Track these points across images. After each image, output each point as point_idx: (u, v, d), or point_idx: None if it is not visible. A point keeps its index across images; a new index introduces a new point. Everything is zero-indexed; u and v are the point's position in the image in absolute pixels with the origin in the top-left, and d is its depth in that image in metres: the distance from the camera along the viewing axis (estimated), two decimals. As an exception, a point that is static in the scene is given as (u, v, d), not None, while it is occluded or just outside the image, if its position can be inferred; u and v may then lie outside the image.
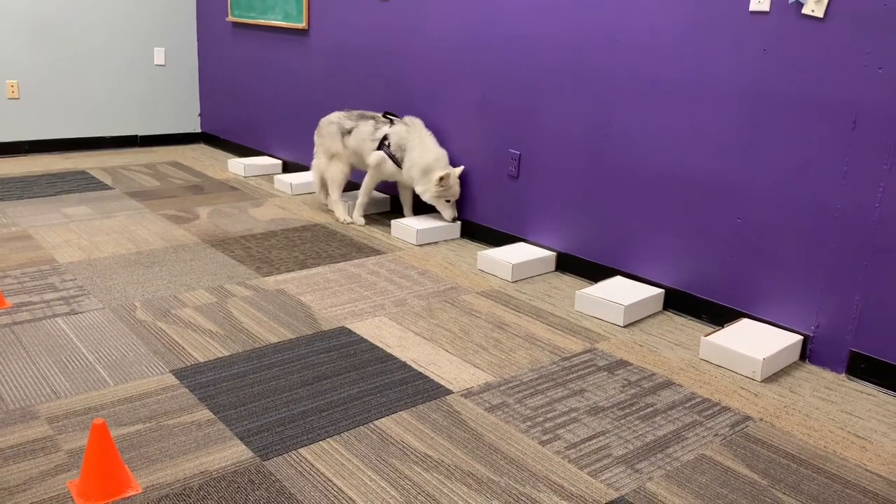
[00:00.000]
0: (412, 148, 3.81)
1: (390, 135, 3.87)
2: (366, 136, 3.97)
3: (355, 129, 4.02)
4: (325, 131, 4.14)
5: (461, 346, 2.66)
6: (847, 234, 2.52)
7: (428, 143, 3.81)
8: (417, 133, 3.83)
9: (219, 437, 2.03)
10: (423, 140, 3.81)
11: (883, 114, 2.39)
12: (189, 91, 6.09)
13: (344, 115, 4.11)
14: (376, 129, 3.94)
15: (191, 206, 4.34)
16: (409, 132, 3.84)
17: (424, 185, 3.77)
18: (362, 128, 4.00)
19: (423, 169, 3.75)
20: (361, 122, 4.02)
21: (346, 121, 4.07)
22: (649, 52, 3.00)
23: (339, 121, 4.09)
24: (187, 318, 2.78)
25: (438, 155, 3.77)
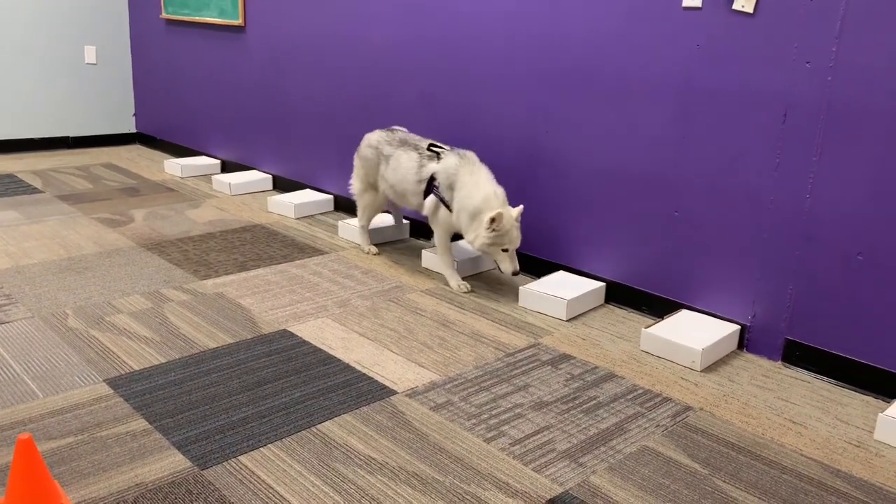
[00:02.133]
0: (461, 186, 3.05)
1: (438, 172, 3.12)
2: (408, 172, 3.23)
3: (393, 159, 3.30)
4: (362, 153, 3.48)
5: (406, 345, 2.64)
6: (780, 225, 2.58)
7: (480, 178, 3.03)
8: (468, 167, 3.07)
9: (155, 447, 1.97)
10: (475, 175, 3.04)
11: (812, 107, 2.45)
12: (122, 90, 5.92)
13: (385, 135, 3.40)
14: (421, 164, 3.19)
15: (125, 208, 4.21)
16: (460, 167, 3.07)
17: (474, 232, 3.01)
18: (403, 160, 3.25)
19: (472, 212, 3.00)
20: (402, 150, 3.28)
21: (385, 145, 3.37)
22: (585, 49, 3.02)
23: (378, 144, 3.40)
24: (122, 324, 2.69)
25: (490, 193, 2.99)
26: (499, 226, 2.92)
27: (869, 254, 2.40)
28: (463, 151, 3.13)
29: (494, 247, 2.98)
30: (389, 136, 3.38)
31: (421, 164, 3.18)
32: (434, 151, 3.17)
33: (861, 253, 2.41)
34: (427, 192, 3.18)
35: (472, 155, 3.11)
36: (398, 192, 3.33)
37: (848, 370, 2.48)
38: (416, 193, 3.22)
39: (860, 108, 2.35)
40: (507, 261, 3.00)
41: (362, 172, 3.50)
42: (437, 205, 3.15)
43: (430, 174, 3.14)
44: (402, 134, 3.38)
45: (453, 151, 3.14)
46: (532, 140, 3.29)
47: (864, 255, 2.40)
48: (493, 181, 3.05)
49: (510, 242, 2.97)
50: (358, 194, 3.57)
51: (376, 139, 3.42)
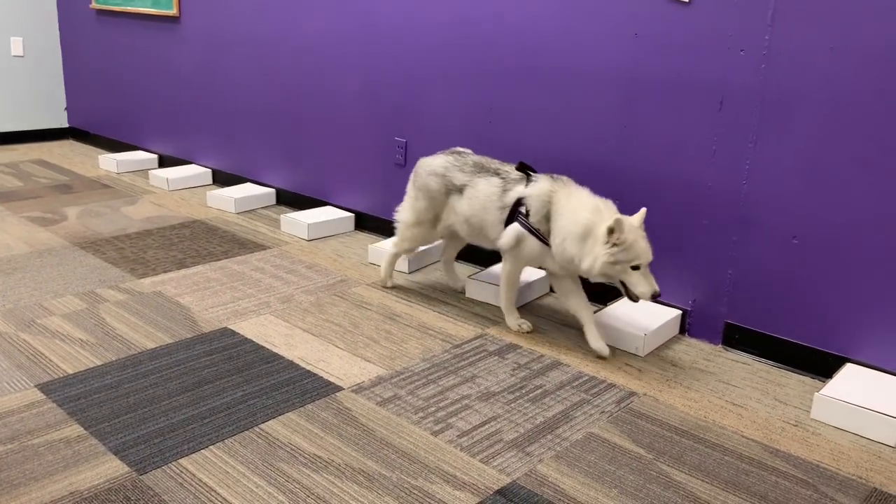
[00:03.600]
0: (561, 213, 2.50)
1: (527, 198, 2.56)
2: (489, 200, 2.66)
3: (470, 188, 2.71)
4: (424, 182, 2.84)
5: (351, 340, 2.61)
6: (718, 211, 2.63)
7: (582, 196, 2.51)
8: (565, 190, 2.53)
9: (90, 453, 1.90)
10: (574, 195, 2.52)
11: (746, 94, 2.49)
12: (53, 84, 5.70)
13: (453, 160, 2.78)
14: (504, 189, 2.63)
15: (58, 206, 4.06)
16: (555, 191, 2.53)
17: (590, 255, 2.41)
18: (482, 187, 2.68)
19: (581, 232, 2.43)
20: (480, 176, 2.70)
21: (457, 172, 2.75)
22: (527, 38, 3.02)
23: (444, 171, 2.77)
24: (54, 327, 2.59)
25: (596, 204, 2.46)
26: (620, 236, 2.33)
27: (803, 237, 2.46)
28: (558, 176, 2.60)
29: (620, 266, 2.37)
30: (459, 160, 2.77)
31: (504, 189, 2.62)
32: (525, 173, 2.62)
33: (796, 236, 2.47)
34: (510, 220, 2.61)
35: (568, 178, 2.60)
36: (473, 225, 2.74)
37: (785, 351, 2.55)
38: (497, 224, 2.65)
39: (793, 95, 2.40)
40: (641, 281, 2.37)
41: (421, 205, 2.86)
42: (520, 235, 2.58)
43: (517, 199, 2.59)
44: (474, 156, 2.78)
45: (545, 175, 2.61)
46: (475, 131, 3.28)
47: (798, 238, 2.46)
48: (593, 196, 2.52)
49: (639, 256, 2.36)
50: (405, 226, 2.96)
51: (442, 165, 2.78)
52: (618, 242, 2.34)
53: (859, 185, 2.32)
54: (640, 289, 2.37)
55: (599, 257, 2.37)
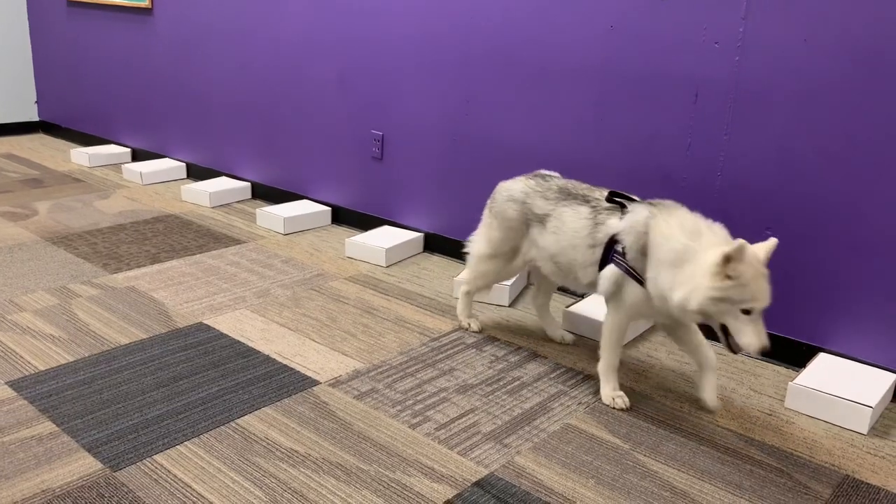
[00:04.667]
0: (655, 242, 2.01)
1: (622, 233, 2.09)
2: (576, 235, 2.20)
3: (553, 219, 2.27)
4: (500, 209, 2.43)
5: (328, 334, 2.59)
6: (693, 203, 2.65)
7: (682, 218, 2.01)
8: (664, 215, 2.03)
9: (63, 450, 1.87)
10: (673, 217, 2.02)
11: (720, 87, 2.51)
12: (22, 76, 5.59)
13: (534, 184, 2.36)
14: (595, 222, 2.16)
15: (28, 201, 3.99)
16: (652, 218, 2.03)
17: (685, 287, 1.91)
18: (568, 219, 2.22)
19: (676, 258, 1.95)
20: (566, 205, 2.24)
21: (538, 199, 2.32)
22: (503, 31, 3.01)
23: (524, 197, 2.36)
24: (25, 323, 2.55)
25: (697, 226, 1.98)
26: (738, 268, 1.81)
27: (777, 228, 2.48)
28: (658, 200, 2.10)
29: (727, 306, 1.84)
30: (542, 184, 2.35)
31: (595, 223, 2.15)
32: (617, 202, 2.15)
33: (769, 227, 2.49)
34: (605, 261, 2.14)
35: (672, 202, 2.10)
36: (561, 265, 2.29)
37: (759, 342, 2.57)
38: (588, 265, 2.19)
39: (767, 87, 2.42)
40: (749, 329, 1.84)
41: (497, 235, 2.45)
42: (619, 278, 2.11)
43: (610, 235, 2.12)
44: (560, 180, 2.34)
45: (643, 202, 2.10)
46: (452, 123, 3.27)
47: (772, 229, 2.49)
48: (701, 219, 2.02)
49: (756, 298, 1.83)
50: (477, 259, 2.55)
51: (522, 190, 2.37)
52: (733, 275, 1.81)
53: (832, 177, 2.35)
54: (746, 339, 1.83)
55: (702, 289, 1.85)
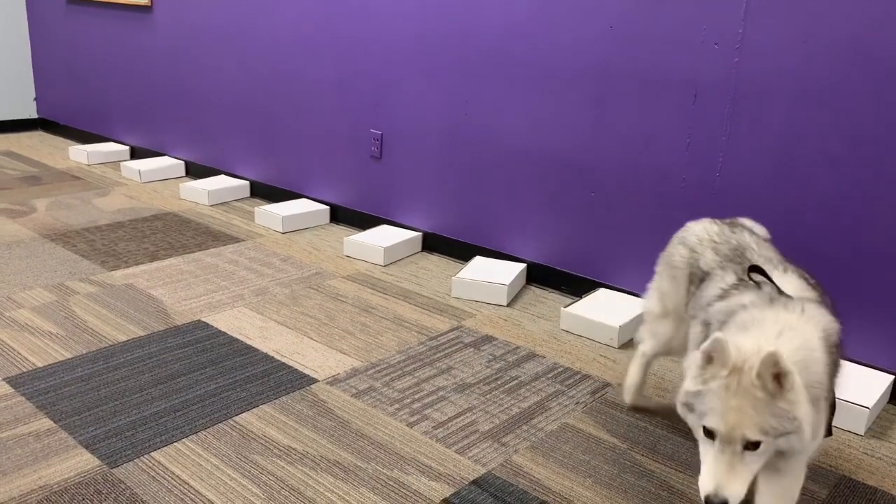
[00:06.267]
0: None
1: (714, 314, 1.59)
2: (714, 305, 1.62)
3: (711, 280, 1.73)
4: (668, 252, 1.98)
5: (326, 332, 2.59)
6: (691, 203, 2.65)
7: (781, 314, 1.45)
8: (761, 305, 1.49)
9: (60, 446, 1.87)
10: (766, 312, 1.46)
11: (720, 87, 2.51)
12: (22, 73, 5.59)
13: (717, 232, 1.85)
14: (721, 296, 1.62)
15: (27, 198, 3.99)
16: (751, 306, 1.49)
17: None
18: (711, 287, 1.69)
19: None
20: (724, 269, 1.72)
21: (708, 250, 1.81)
22: (502, 31, 3.02)
23: (696, 243, 1.86)
24: (23, 319, 2.55)
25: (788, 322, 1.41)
26: (709, 372, 1.32)
27: (775, 229, 2.48)
28: (789, 289, 1.56)
29: (693, 417, 1.35)
30: (722, 235, 1.82)
31: (721, 296, 1.62)
32: (755, 281, 1.60)
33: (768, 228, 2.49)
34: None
35: (799, 295, 1.54)
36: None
37: (757, 342, 2.57)
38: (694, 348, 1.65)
39: (766, 88, 2.42)
40: (706, 460, 1.32)
41: (664, 287, 1.96)
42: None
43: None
44: (747, 237, 1.78)
45: (770, 287, 1.56)
46: (451, 124, 3.28)
47: (771, 230, 2.49)
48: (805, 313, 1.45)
49: (710, 414, 1.30)
50: (650, 317, 2.05)
51: (697, 235, 1.88)
52: (708, 378, 1.31)
53: (831, 178, 2.35)
54: (700, 476, 1.32)
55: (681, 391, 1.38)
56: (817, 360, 1.38)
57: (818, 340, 1.40)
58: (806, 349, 1.37)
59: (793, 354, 1.34)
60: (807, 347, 1.38)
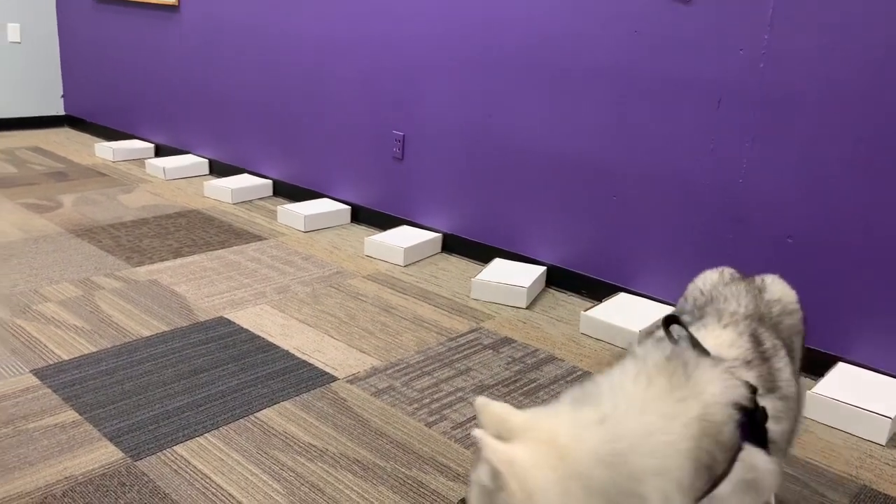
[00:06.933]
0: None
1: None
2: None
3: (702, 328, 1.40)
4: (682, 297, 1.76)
5: (347, 331, 2.61)
6: (714, 209, 2.64)
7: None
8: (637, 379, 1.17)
9: (85, 438, 1.90)
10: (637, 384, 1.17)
11: (744, 93, 2.51)
12: (50, 71, 5.67)
13: (713, 279, 1.67)
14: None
15: (53, 193, 4.05)
16: (624, 373, 1.19)
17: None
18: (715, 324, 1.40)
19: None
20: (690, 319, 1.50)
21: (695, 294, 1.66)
22: (527, 34, 3.02)
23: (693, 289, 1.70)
24: (50, 313, 2.59)
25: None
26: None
27: (798, 237, 2.47)
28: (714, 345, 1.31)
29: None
30: (715, 285, 1.62)
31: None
32: (670, 334, 1.31)
33: (791, 236, 2.48)
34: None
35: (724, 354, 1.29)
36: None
37: (778, 350, 2.56)
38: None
39: (791, 95, 2.41)
40: None
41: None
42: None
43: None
44: (734, 288, 1.56)
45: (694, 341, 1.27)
46: (473, 126, 3.29)
47: (793, 237, 2.48)
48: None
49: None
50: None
51: (695, 283, 1.72)
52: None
53: (855, 186, 2.34)
54: None
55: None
56: (657, 450, 1.06)
57: (682, 424, 1.09)
58: (632, 438, 1.05)
59: (598, 448, 1.04)
60: (634, 435, 1.06)
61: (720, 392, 1.16)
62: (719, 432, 1.14)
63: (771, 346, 1.35)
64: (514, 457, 1.00)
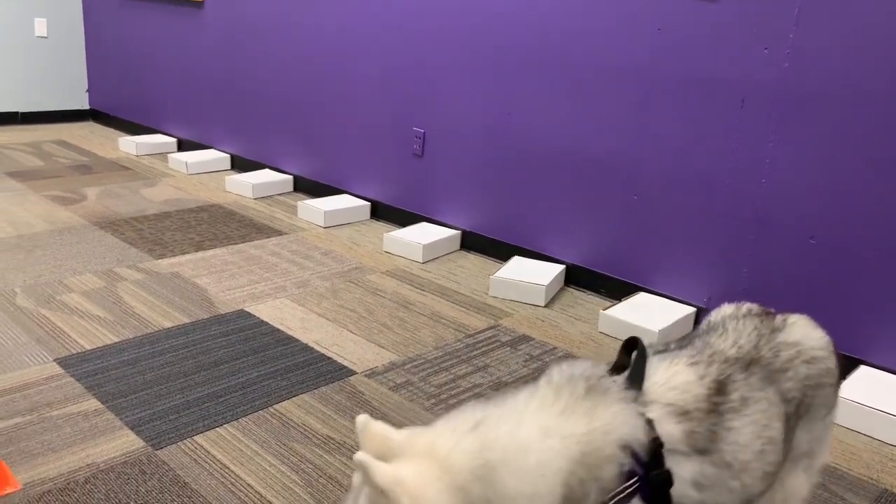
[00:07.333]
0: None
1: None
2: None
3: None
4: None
5: (365, 326, 2.62)
6: (735, 209, 2.63)
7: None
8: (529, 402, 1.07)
9: (107, 427, 1.92)
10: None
11: (768, 92, 2.49)
12: (75, 65, 5.74)
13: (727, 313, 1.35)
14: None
15: (78, 186, 4.10)
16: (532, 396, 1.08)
17: None
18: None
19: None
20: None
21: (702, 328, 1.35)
22: (549, 30, 3.02)
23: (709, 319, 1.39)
24: (73, 303, 2.63)
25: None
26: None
27: (821, 238, 2.45)
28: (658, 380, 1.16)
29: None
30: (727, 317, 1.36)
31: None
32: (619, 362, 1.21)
33: (814, 237, 2.46)
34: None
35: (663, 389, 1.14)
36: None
37: (799, 351, 2.54)
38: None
39: (815, 94, 2.39)
40: None
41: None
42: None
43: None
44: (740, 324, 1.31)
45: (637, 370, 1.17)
46: (494, 124, 3.29)
47: (816, 238, 2.46)
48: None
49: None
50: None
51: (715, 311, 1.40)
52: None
53: (879, 187, 2.31)
54: None
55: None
56: (529, 471, 0.97)
57: (560, 439, 0.99)
58: (502, 451, 0.98)
59: (471, 461, 0.98)
60: (506, 449, 0.98)
61: (609, 423, 1.02)
62: (600, 467, 0.99)
63: (738, 400, 1.13)
64: (401, 476, 0.96)
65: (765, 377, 1.19)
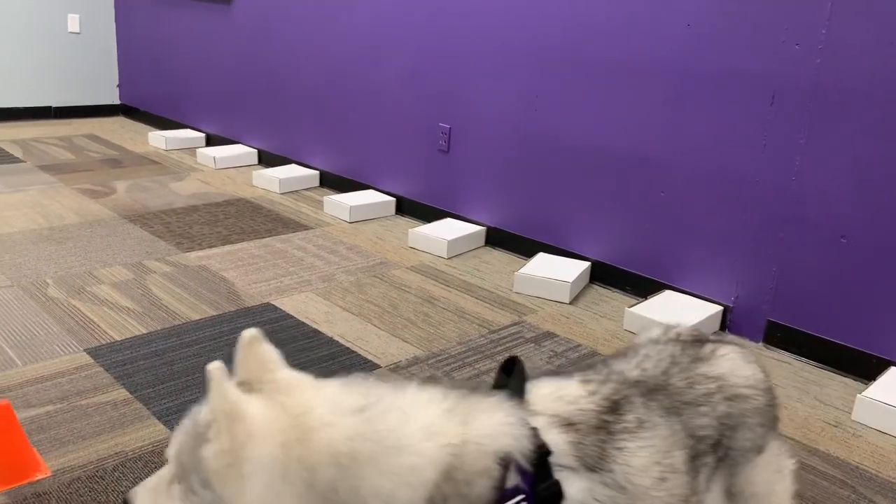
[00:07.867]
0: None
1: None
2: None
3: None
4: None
5: (389, 320, 2.63)
6: (765, 207, 2.59)
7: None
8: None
9: (135, 416, 1.95)
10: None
11: (800, 89, 2.45)
12: (107, 60, 5.83)
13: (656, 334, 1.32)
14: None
15: (108, 179, 4.16)
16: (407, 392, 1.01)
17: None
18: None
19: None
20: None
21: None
22: (576, 27, 3.00)
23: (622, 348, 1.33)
24: (103, 295, 2.67)
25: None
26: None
27: (852, 237, 2.41)
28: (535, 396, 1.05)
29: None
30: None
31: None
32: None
33: (844, 236, 2.42)
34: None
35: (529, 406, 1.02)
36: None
37: (828, 352, 2.51)
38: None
39: (847, 92, 2.35)
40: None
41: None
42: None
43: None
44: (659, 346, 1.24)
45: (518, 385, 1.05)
46: (520, 119, 3.28)
47: (847, 237, 2.42)
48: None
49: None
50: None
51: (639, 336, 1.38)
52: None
53: (913, 186, 2.27)
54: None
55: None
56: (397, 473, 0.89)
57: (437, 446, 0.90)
58: (378, 446, 0.90)
59: (340, 444, 0.89)
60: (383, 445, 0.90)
61: (489, 432, 0.92)
62: (469, 483, 0.89)
63: (633, 421, 1.03)
64: (245, 413, 0.82)
65: (669, 407, 1.08)
